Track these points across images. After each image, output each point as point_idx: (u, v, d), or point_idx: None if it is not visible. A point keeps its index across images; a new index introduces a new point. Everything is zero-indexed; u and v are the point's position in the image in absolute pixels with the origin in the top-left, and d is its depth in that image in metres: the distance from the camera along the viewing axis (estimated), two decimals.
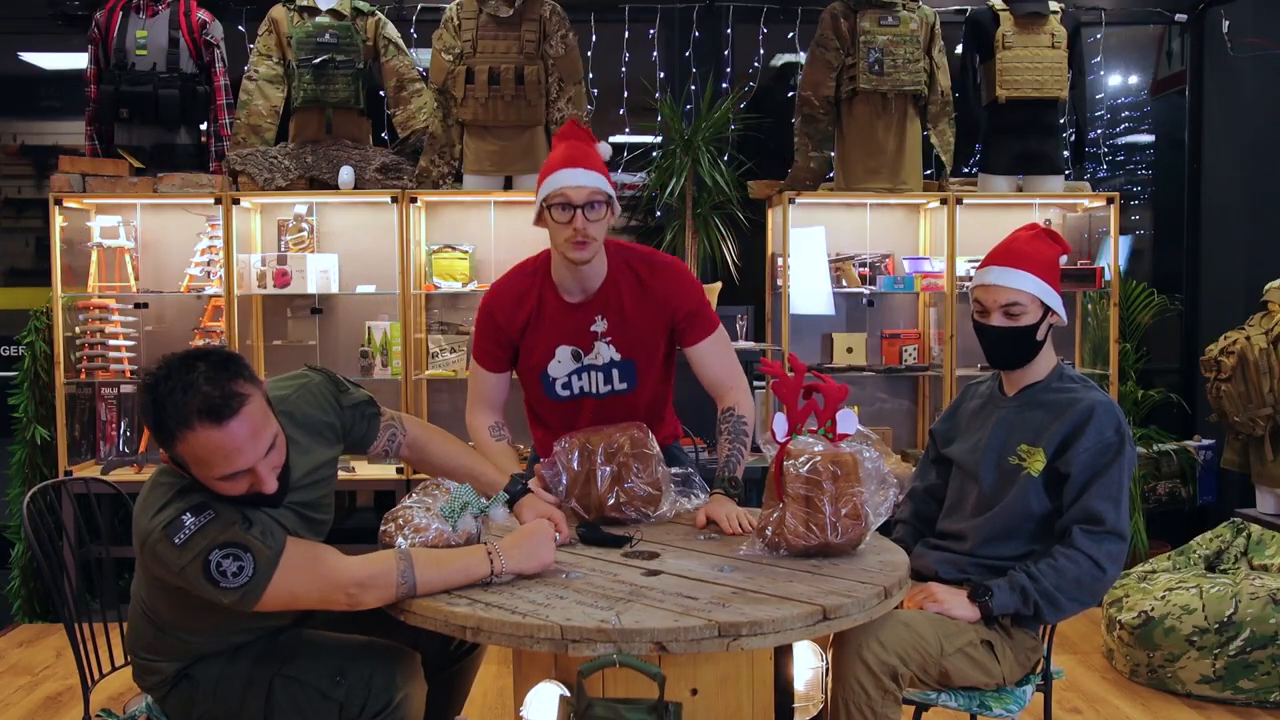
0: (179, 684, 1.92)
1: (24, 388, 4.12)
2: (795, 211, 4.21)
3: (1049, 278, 2.20)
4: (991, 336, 2.22)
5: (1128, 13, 4.82)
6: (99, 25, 4.17)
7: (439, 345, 4.25)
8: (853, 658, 1.95)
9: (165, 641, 1.89)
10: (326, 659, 1.91)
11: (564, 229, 2.23)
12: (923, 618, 2.07)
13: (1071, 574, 2.08)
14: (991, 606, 2.10)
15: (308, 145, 4.17)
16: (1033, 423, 2.22)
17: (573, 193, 2.21)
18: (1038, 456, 2.18)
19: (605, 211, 2.25)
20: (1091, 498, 2.11)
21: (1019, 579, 2.10)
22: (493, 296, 2.42)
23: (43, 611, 4.18)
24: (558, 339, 2.35)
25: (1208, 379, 3.86)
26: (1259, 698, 3.23)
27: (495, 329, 2.39)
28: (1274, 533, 3.55)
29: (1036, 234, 2.27)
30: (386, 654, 1.93)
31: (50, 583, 2.08)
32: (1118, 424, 2.15)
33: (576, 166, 2.24)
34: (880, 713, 1.94)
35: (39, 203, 4.85)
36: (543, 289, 2.37)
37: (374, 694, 1.86)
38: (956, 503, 2.33)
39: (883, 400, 4.67)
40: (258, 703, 1.88)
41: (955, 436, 2.38)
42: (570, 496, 2.22)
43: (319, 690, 1.87)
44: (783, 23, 4.69)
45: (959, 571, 2.24)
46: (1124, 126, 5.19)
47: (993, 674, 2.10)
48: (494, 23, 4.10)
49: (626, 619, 1.63)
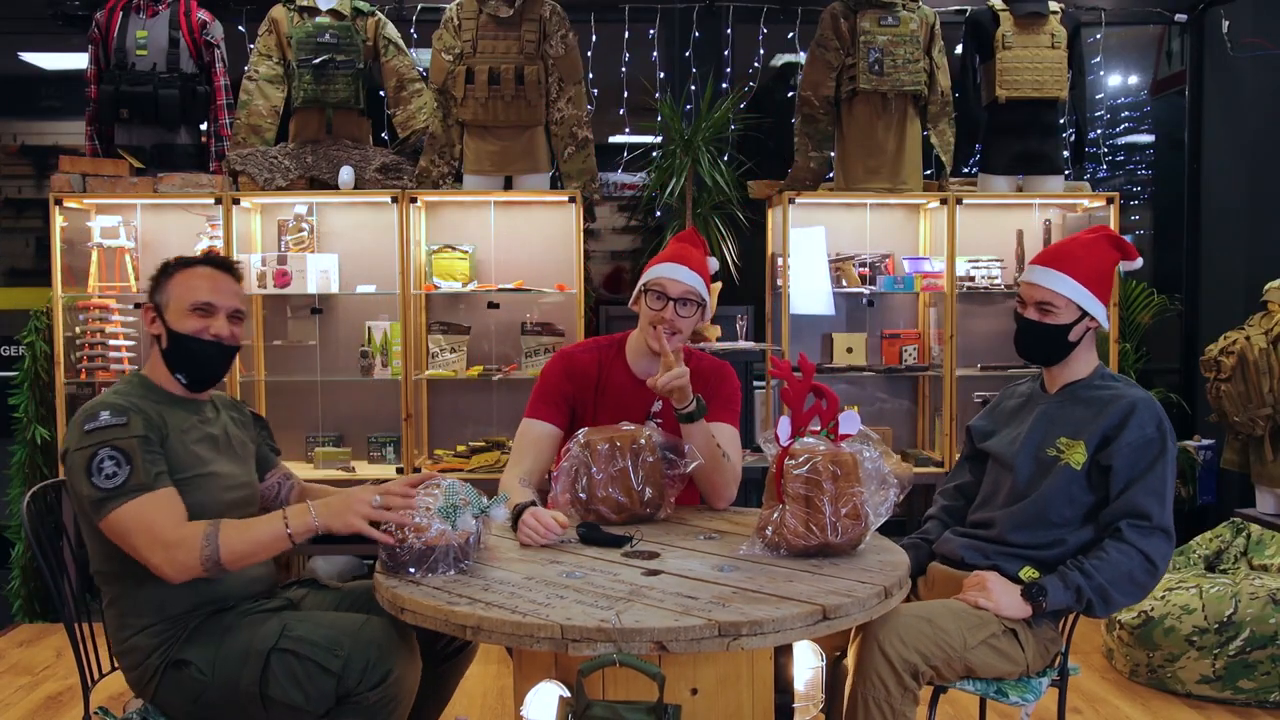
0: (168, 671, 1.95)
1: (24, 388, 4.12)
2: (795, 211, 4.21)
3: (1094, 283, 2.23)
4: (1021, 328, 2.30)
5: (1128, 13, 4.82)
6: (99, 25, 4.17)
7: (439, 345, 4.25)
8: (875, 652, 1.96)
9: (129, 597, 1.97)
10: (324, 633, 1.94)
11: (654, 315, 2.40)
12: (945, 610, 2.08)
13: (1125, 568, 2.10)
14: (1045, 605, 2.10)
15: (308, 145, 4.17)
16: (1073, 417, 2.24)
17: (671, 286, 2.40)
18: (1078, 449, 2.20)
19: (695, 311, 2.43)
20: (1137, 494, 2.13)
21: (1073, 577, 2.11)
22: (568, 351, 2.57)
23: (43, 611, 4.18)
24: (619, 413, 2.44)
25: (1207, 379, 3.86)
26: (1259, 698, 3.23)
27: (564, 378, 2.49)
28: (1274, 533, 3.55)
29: (1097, 238, 2.29)
30: (384, 629, 1.95)
31: (50, 583, 2.09)
32: (1159, 420, 2.17)
33: (681, 264, 2.43)
34: (899, 710, 1.95)
35: (39, 203, 4.85)
36: (615, 361, 2.53)
37: (371, 667, 1.89)
38: (990, 494, 2.35)
39: (883, 400, 4.67)
40: (254, 674, 1.91)
41: (993, 432, 2.41)
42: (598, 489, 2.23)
43: (317, 662, 1.90)
44: (783, 23, 4.69)
45: (984, 558, 2.25)
46: (1124, 126, 5.19)
47: (1018, 662, 2.11)
48: (494, 23, 4.10)
49: (626, 618, 1.64)
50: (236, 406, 2.28)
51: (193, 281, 2.06)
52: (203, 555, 1.84)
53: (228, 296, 2.09)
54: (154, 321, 2.08)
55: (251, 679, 1.90)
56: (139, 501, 1.85)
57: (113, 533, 1.87)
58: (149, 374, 2.10)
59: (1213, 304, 4.77)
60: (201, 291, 2.06)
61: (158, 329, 2.07)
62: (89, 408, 1.94)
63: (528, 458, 2.43)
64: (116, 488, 1.85)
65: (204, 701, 1.94)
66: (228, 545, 1.86)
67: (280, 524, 1.91)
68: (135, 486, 1.86)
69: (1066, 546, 2.20)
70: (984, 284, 4.44)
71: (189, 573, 1.86)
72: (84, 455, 1.87)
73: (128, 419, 1.91)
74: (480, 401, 4.42)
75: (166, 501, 1.89)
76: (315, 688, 1.89)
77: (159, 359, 2.08)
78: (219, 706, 1.93)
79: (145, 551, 1.85)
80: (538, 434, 2.45)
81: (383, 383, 4.20)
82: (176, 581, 1.87)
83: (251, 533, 1.90)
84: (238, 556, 1.88)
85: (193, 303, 2.05)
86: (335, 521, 1.90)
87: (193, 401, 2.10)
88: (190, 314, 2.04)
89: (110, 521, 1.86)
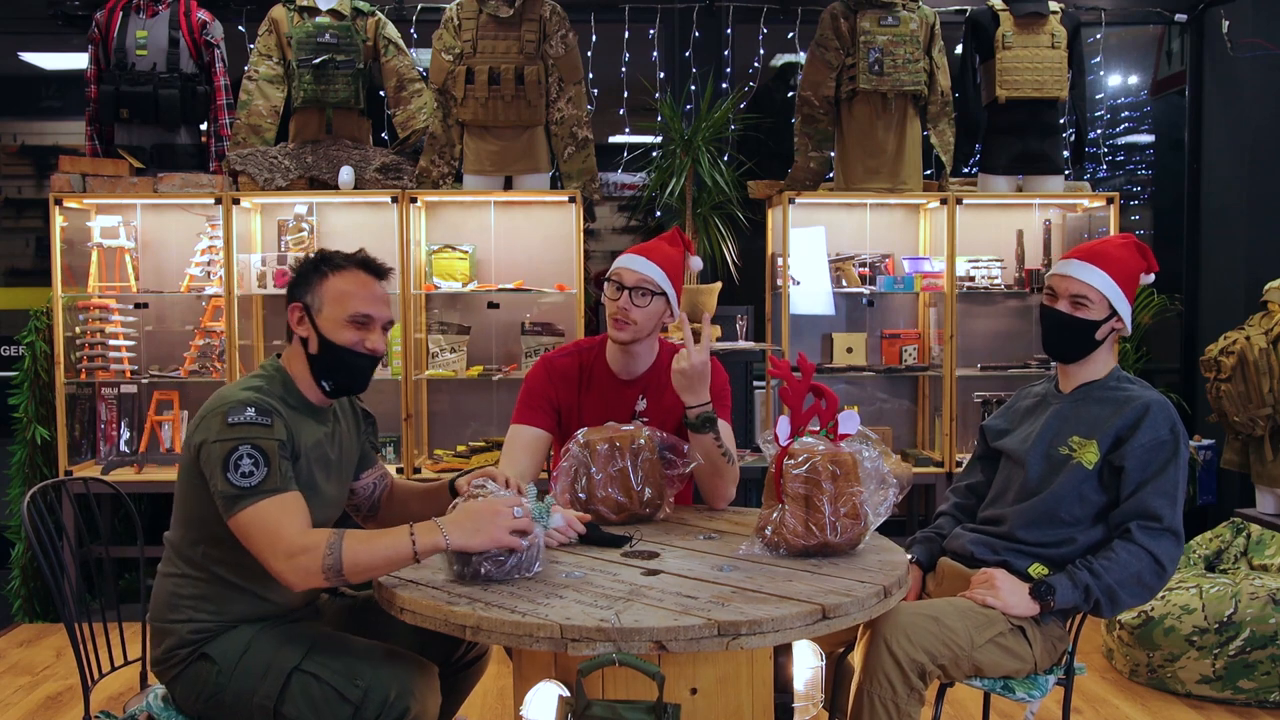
0: (193, 664, 1.94)
1: (24, 388, 4.12)
2: (795, 211, 4.21)
3: (1125, 285, 2.25)
4: (1051, 321, 2.29)
5: (1128, 13, 4.82)
6: (99, 25, 4.18)
7: (439, 345, 4.26)
8: (883, 651, 1.96)
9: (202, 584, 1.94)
10: (348, 660, 1.92)
11: (611, 305, 2.40)
12: (951, 609, 2.08)
13: (1133, 569, 2.10)
14: (1053, 604, 2.11)
15: (308, 145, 4.17)
16: (1087, 416, 2.24)
17: (625, 274, 2.39)
18: (1090, 448, 2.20)
19: (652, 301, 2.38)
20: (1148, 495, 2.13)
21: (1081, 576, 2.11)
22: (549, 357, 2.56)
23: (43, 611, 4.18)
24: (604, 413, 2.44)
25: (1207, 379, 3.86)
26: (1259, 698, 3.23)
27: (546, 382, 2.49)
28: (1274, 533, 3.55)
29: (1128, 244, 2.31)
30: (406, 664, 1.93)
31: (50, 583, 2.08)
32: (1172, 423, 2.18)
33: (639, 255, 2.41)
34: (904, 710, 1.95)
35: (39, 203, 4.86)
36: (596, 361, 2.52)
37: (390, 702, 1.87)
38: (1001, 491, 2.35)
39: (883, 400, 4.67)
40: (272, 690, 1.89)
41: (1007, 431, 2.41)
42: (598, 489, 2.24)
43: (336, 689, 1.88)
44: (783, 23, 4.69)
45: (993, 553, 2.25)
46: (1124, 126, 5.19)
47: (1025, 660, 2.12)
48: (494, 23, 4.10)
49: (626, 618, 1.64)
50: (352, 405, 2.21)
51: (351, 289, 1.99)
52: (325, 565, 1.78)
53: (383, 307, 2.03)
54: (302, 322, 2.00)
55: (268, 694, 1.89)
56: (269, 503, 1.81)
57: (239, 531, 1.82)
58: (290, 369, 2.03)
59: (1213, 304, 4.77)
60: (360, 302, 1.99)
61: (306, 331, 2.00)
62: (230, 399, 1.88)
63: (519, 462, 2.43)
64: (251, 487, 1.81)
65: (217, 701, 1.93)
66: (351, 556, 1.79)
67: (407, 542, 1.80)
68: (269, 488, 1.81)
69: (1076, 545, 2.20)
70: (984, 284, 4.44)
71: (311, 580, 1.79)
72: (223, 448, 1.82)
73: (272, 421, 1.87)
74: (480, 401, 4.43)
75: (295, 506, 1.84)
76: (331, 714, 1.88)
77: (303, 360, 2.01)
78: (230, 711, 1.92)
79: (267, 554, 1.80)
80: (526, 439, 2.46)
81: (383, 382, 4.20)
82: (296, 589, 1.81)
83: (376, 547, 1.81)
84: (360, 569, 1.80)
85: (352, 315, 1.98)
86: (473, 541, 1.82)
87: (321, 410, 2.06)
88: (347, 325, 1.98)
89: (239, 519, 1.81)
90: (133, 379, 4.22)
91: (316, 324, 1.98)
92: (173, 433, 4.28)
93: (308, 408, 2.02)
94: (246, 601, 1.97)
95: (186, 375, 4.21)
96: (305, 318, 2.00)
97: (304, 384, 2.02)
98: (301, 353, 2.01)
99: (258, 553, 1.81)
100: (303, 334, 2.00)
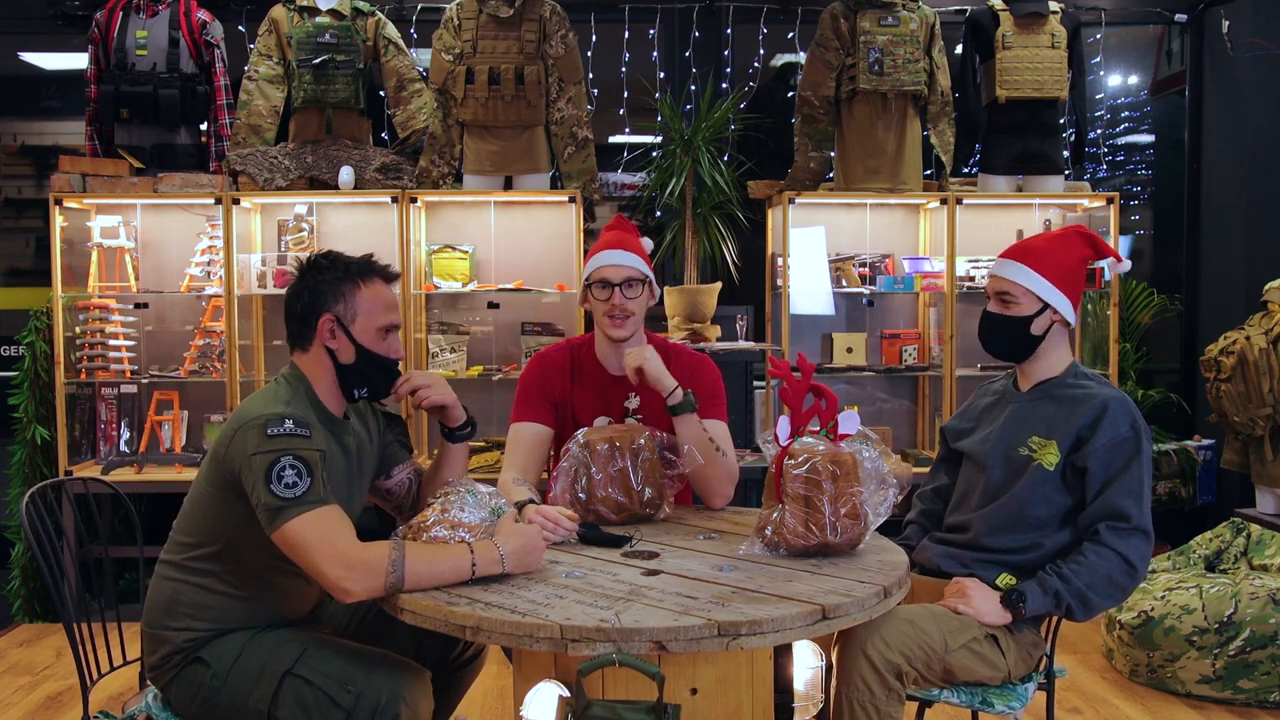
0: (188, 667, 1.94)
1: (24, 388, 4.12)
2: (795, 211, 4.21)
3: (1057, 277, 2.22)
4: (984, 321, 2.31)
5: (1128, 13, 4.82)
6: (99, 25, 4.17)
7: (439, 345, 4.25)
8: (858, 655, 1.95)
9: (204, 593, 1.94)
10: (340, 666, 1.91)
11: (603, 305, 2.43)
12: (927, 614, 2.07)
13: (1103, 571, 2.08)
14: (1025, 611, 2.09)
15: (308, 145, 4.17)
16: (1045, 415, 2.23)
17: (611, 272, 2.42)
18: (1050, 449, 2.18)
19: (642, 290, 2.46)
20: (1114, 495, 2.11)
21: (1051, 582, 2.09)
22: (541, 353, 2.59)
23: (43, 611, 4.18)
24: (597, 408, 2.47)
25: (1207, 379, 3.86)
26: (1259, 698, 3.23)
27: (541, 377, 2.52)
28: (1274, 533, 3.55)
29: (1066, 233, 2.29)
30: (399, 669, 1.93)
31: (50, 583, 2.08)
32: (1133, 419, 2.15)
33: (614, 250, 2.46)
34: (884, 711, 1.94)
35: (39, 203, 4.85)
36: (587, 356, 2.55)
37: (382, 707, 1.86)
38: (964, 495, 2.33)
39: (883, 400, 4.67)
40: (266, 694, 1.89)
41: (967, 431, 2.40)
42: (598, 489, 2.24)
43: (328, 694, 1.88)
44: (783, 23, 4.69)
45: (961, 565, 2.24)
46: (1124, 126, 5.19)
47: (998, 667, 2.10)
48: (494, 23, 4.10)
49: (626, 618, 1.64)
50: (372, 410, 2.21)
51: (379, 299, 2.03)
52: (388, 580, 1.78)
53: (398, 313, 2.09)
54: (335, 334, 2.00)
55: (262, 698, 1.89)
56: (318, 514, 1.80)
57: (287, 543, 1.80)
58: (314, 382, 2.02)
59: (1213, 304, 4.77)
60: (390, 312, 2.05)
61: (339, 343, 2.00)
62: (266, 413, 1.87)
63: (520, 459, 2.44)
64: (297, 498, 1.79)
65: (211, 704, 1.93)
66: (413, 572, 1.79)
67: (467, 563, 1.83)
68: (314, 499, 1.81)
69: (1044, 550, 2.18)
70: (984, 284, 4.43)
71: (370, 593, 1.79)
72: (265, 460, 1.81)
73: (310, 432, 1.87)
74: (480, 401, 4.42)
75: (340, 516, 1.83)
76: (324, 718, 1.88)
77: (327, 370, 2.01)
78: (225, 715, 1.92)
79: (323, 565, 1.77)
80: (527, 435, 2.46)
81: None
82: (349, 600, 1.80)
83: (437, 564, 1.82)
84: (420, 585, 1.81)
85: (383, 324, 2.03)
86: (523, 569, 1.88)
87: (339, 421, 2.05)
88: (380, 335, 2.02)
89: (286, 531, 1.79)
90: (133, 379, 4.22)
91: (352, 334, 2.00)
92: (173, 433, 4.27)
93: (328, 420, 2.02)
94: (250, 612, 1.97)
95: (186, 375, 4.21)
96: (338, 329, 2.00)
97: (325, 394, 2.02)
98: (327, 362, 2.01)
99: (311, 562, 1.79)
100: (333, 345, 2.00)
